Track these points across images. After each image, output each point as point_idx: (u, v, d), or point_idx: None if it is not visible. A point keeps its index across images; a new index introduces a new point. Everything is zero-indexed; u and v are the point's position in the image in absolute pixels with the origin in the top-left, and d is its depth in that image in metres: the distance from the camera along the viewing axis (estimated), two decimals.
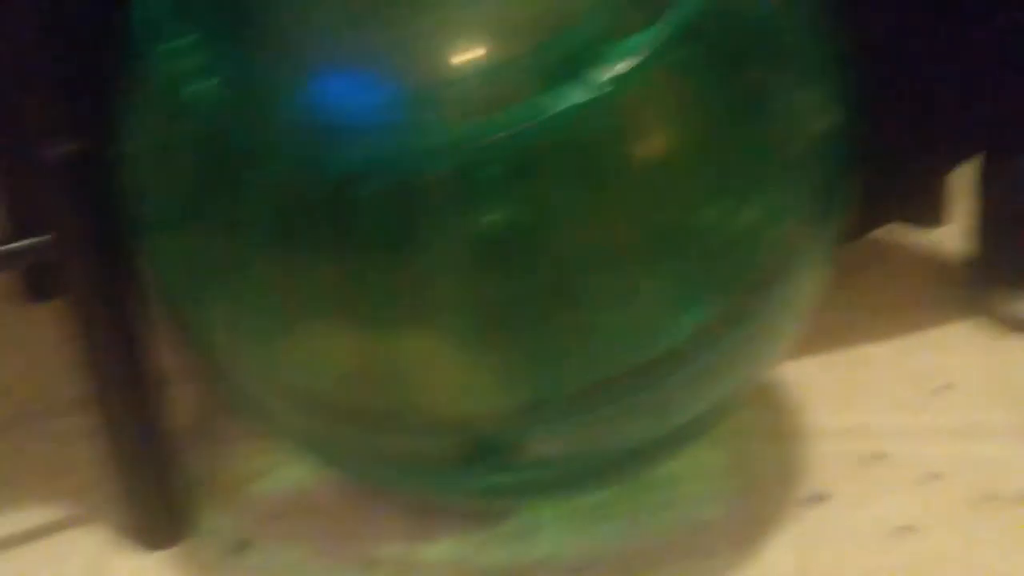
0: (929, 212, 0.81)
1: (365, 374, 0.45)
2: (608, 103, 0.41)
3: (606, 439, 0.48)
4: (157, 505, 0.60)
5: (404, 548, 0.58)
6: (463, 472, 0.48)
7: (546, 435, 0.46)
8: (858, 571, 0.53)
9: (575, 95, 0.41)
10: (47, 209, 0.52)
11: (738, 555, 0.55)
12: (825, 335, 0.67)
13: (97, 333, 0.56)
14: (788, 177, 0.46)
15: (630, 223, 0.43)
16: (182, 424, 0.67)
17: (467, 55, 0.41)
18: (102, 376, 0.57)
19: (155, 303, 0.54)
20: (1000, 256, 0.73)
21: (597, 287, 0.43)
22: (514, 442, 0.46)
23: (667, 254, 0.43)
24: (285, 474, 0.65)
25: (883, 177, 0.68)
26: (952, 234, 0.81)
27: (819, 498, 0.59)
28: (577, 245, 0.42)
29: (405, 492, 0.57)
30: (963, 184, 0.76)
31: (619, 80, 0.41)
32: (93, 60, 0.51)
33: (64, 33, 0.49)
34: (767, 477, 0.61)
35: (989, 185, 0.73)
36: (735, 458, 0.62)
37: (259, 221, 0.44)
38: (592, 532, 0.58)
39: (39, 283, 0.91)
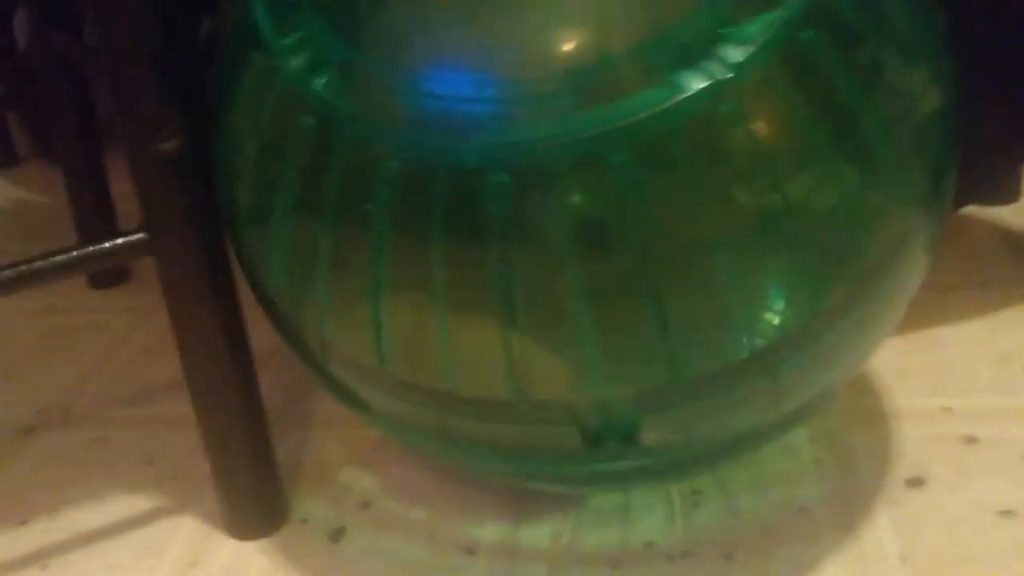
0: (1006, 189, 0.80)
1: (478, 365, 0.45)
2: (731, 89, 0.41)
3: (720, 426, 0.47)
4: (253, 492, 0.61)
5: (502, 533, 0.58)
6: (576, 461, 0.48)
7: (662, 423, 0.46)
8: (963, 555, 0.53)
9: (698, 81, 0.40)
10: (149, 202, 0.52)
11: (840, 539, 0.55)
12: (904, 316, 0.67)
13: (194, 321, 0.56)
14: (904, 158, 0.45)
15: (749, 207, 0.42)
16: (273, 409, 0.67)
17: (584, 44, 0.41)
18: (198, 361, 0.57)
19: (252, 290, 0.55)
20: None
21: (716, 273, 0.43)
22: (630, 431, 0.46)
23: (786, 238, 0.43)
24: (378, 460, 0.65)
25: (966, 158, 0.67)
26: None
27: (917, 481, 0.59)
28: (696, 231, 0.42)
29: (510, 481, 0.58)
30: None
31: (741, 65, 0.41)
32: (191, 54, 0.52)
33: (165, 24, 0.50)
34: (861, 460, 0.60)
35: None
36: (826, 441, 0.62)
37: (375, 213, 0.44)
38: (689, 517, 0.58)
39: (100, 271, 0.92)
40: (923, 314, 0.73)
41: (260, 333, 0.63)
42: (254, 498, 0.61)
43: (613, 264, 0.42)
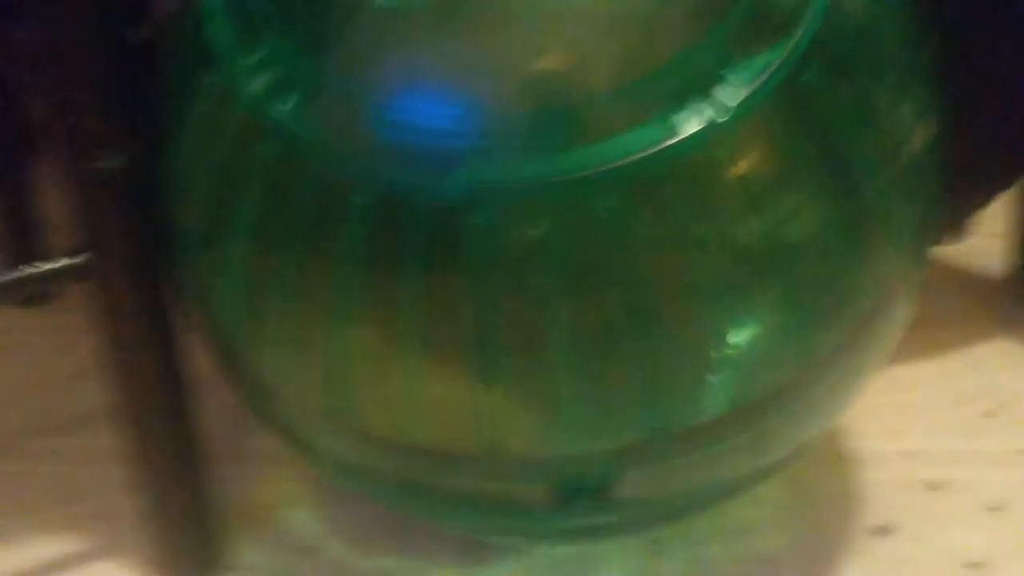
0: (955, 228, 0.80)
1: (445, 416, 0.42)
2: (725, 132, 0.38)
3: (698, 480, 0.45)
4: (187, 536, 0.56)
5: None
6: (543, 518, 0.46)
7: (638, 478, 0.44)
8: None
9: (692, 124, 0.38)
10: (90, 222, 0.48)
11: None
12: None
13: (131, 348, 0.52)
14: (895, 199, 0.44)
15: (739, 253, 0.40)
16: (212, 443, 0.63)
17: (574, 78, 0.39)
18: (130, 391, 0.53)
19: (191, 320, 0.51)
20: None
21: (705, 321, 0.40)
22: (603, 487, 0.44)
23: (777, 284, 0.41)
24: (326, 500, 0.61)
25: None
26: (987, 250, 0.81)
27: (884, 530, 0.57)
28: (685, 277, 0.40)
29: (470, 533, 0.54)
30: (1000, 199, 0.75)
31: (738, 109, 0.38)
32: (140, 71, 0.47)
33: (111, 42, 0.46)
34: (828, 506, 0.59)
35: None
36: (790, 486, 0.60)
37: (340, 249, 0.40)
38: (650, 568, 0.55)
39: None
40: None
41: (200, 360, 0.59)
42: (187, 542, 0.56)
43: (597, 311, 0.39)
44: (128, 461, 0.54)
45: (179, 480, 0.55)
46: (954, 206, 0.76)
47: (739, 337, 0.41)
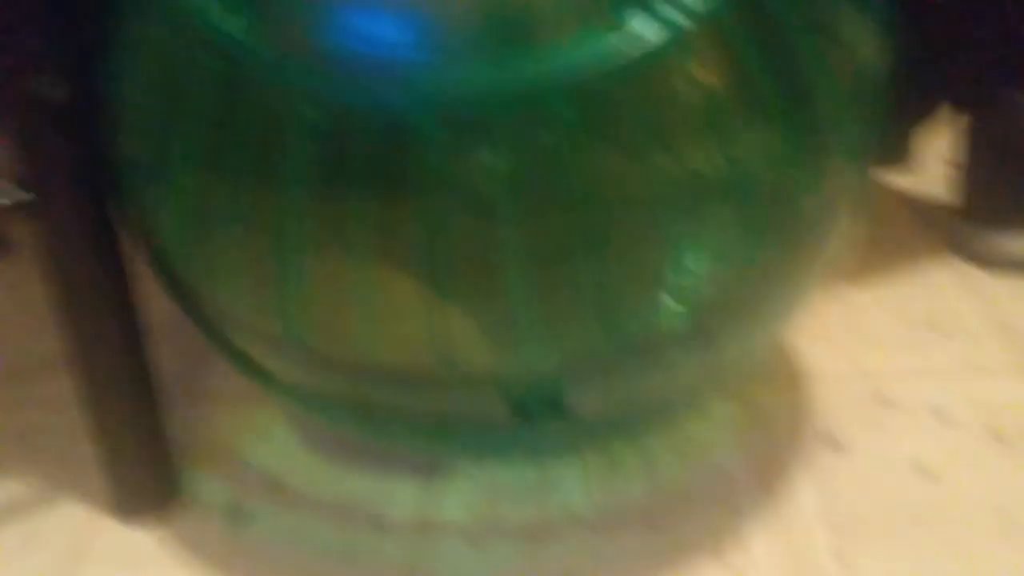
0: (896, 150, 0.81)
1: (399, 332, 0.42)
2: (685, 38, 0.38)
3: (651, 391, 0.46)
4: (143, 472, 0.56)
5: (415, 509, 0.55)
6: (499, 433, 0.46)
7: (592, 391, 0.44)
8: (883, 514, 0.53)
9: (652, 29, 0.38)
10: (31, 152, 0.47)
11: (761, 503, 0.54)
12: None
13: (81, 289, 0.51)
14: (844, 112, 0.44)
15: (694, 163, 0.40)
16: (168, 383, 0.62)
17: None
18: (84, 333, 0.52)
19: (141, 254, 0.50)
20: (985, 197, 0.74)
21: (656, 231, 0.40)
22: (558, 400, 0.44)
23: (728, 193, 0.41)
24: (284, 435, 0.61)
25: None
26: (936, 176, 0.82)
27: (835, 441, 0.58)
28: (638, 188, 0.40)
29: (427, 452, 0.55)
30: (938, 125, 0.76)
31: (699, 13, 0.38)
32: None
33: None
34: (781, 423, 0.60)
35: (976, 128, 0.73)
36: (742, 404, 0.61)
37: (288, 164, 0.40)
38: (608, 487, 0.56)
39: None
40: (830, 276, 0.73)
41: (155, 301, 0.58)
42: (144, 478, 0.56)
43: (550, 222, 0.39)
44: (85, 403, 0.54)
45: (135, 419, 0.55)
46: (898, 123, 0.77)
47: (690, 251, 0.41)
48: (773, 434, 0.59)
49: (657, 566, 0.51)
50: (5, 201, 0.48)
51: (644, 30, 0.38)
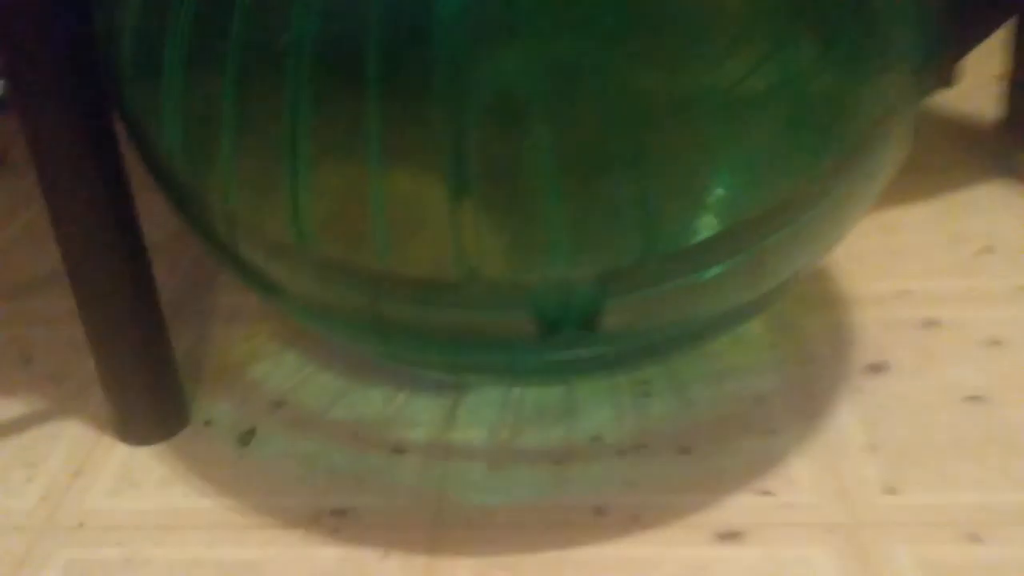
0: (944, 74, 0.76)
1: (419, 239, 0.39)
2: None
3: (688, 310, 0.42)
4: (147, 392, 0.53)
5: (434, 430, 0.52)
6: (526, 351, 0.42)
7: (627, 307, 0.40)
8: (933, 442, 0.50)
9: None
10: (12, 51, 0.43)
11: (801, 429, 0.51)
12: None
13: (71, 199, 0.48)
14: (903, 21, 0.40)
15: (739, 62, 0.36)
16: (172, 301, 0.60)
17: None
18: (78, 244, 0.49)
19: (142, 161, 0.47)
20: None
21: (699, 134, 0.37)
22: (590, 316, 0.40)
23: (776, 98, 0.37)
24: (292, 355, 0.58)
25: None
26: (981, 94, 0.77)
27: (879, 367, 0.55)
28: (680, 86, 0.36)
29: (448, 372, 0.51)
30: (986, 45, 0.71)
31: None
32: None
33: None
34: (819, 347, 0.56)
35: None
36: (780, 327, 0.58)
37: (293, 52, 0.36)
38: (639, 410, 0.53)
39: None
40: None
41: (156, 216, 0.55)
42: (148, 398, 0.53)
43: (586, 120, 0.35)
44: (85, 322, 0.51)
45: (138, 339, 0.52)
46: (945, 47, 0.72)
47: (732, 153, 0.37)
48: (811, 357, 0.56)
49: (691, 492, 0.48)
50: None
51: None
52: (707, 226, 0.38)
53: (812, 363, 0.55)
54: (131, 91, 0.44)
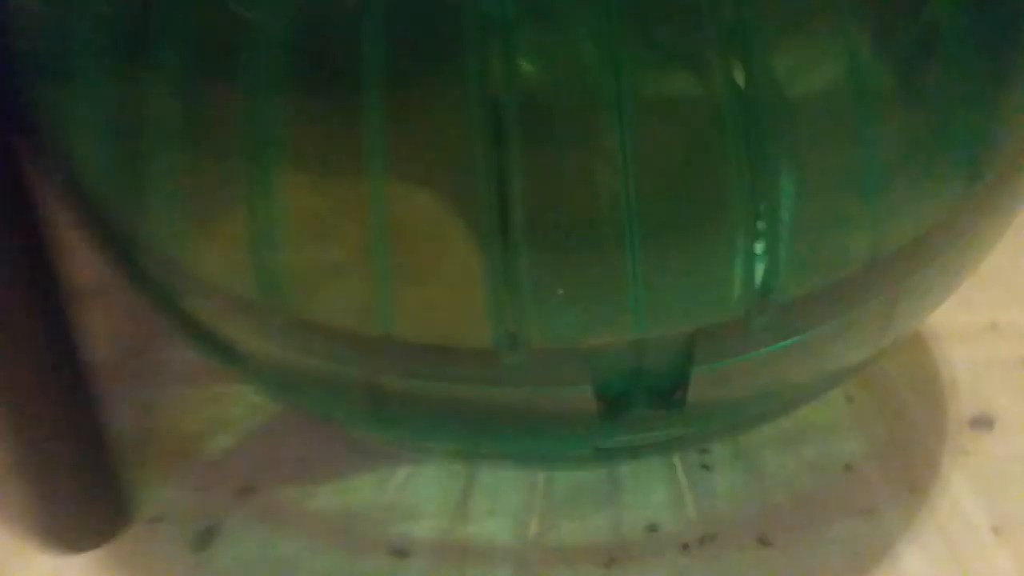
0: None
1: (438, 292, 0.28)
2: None
3: (799, 371, 0.32)
4: (76, 482, 0.41)
5: (443, 523, 0.42)
6: (578, 436, 0.32)
7: (723, 374, 0.30)
8: None
9: None
10: None
11: (905, 506, 0.41)
12: None
13: None
14: None
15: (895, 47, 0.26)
16: (106, 356, 0.48)
17: None
18: None
19: (60, 195, 0.36)
20: None
21: (821, 147, 0.27)
22: (670, 389, 0.30)
23: (938, 96, 0.27)
24: (263, 426, 0.47)
25: None
26: None
27: (983, 422, 0.45)
28: (821, 77, 0.26)
29: (467, 455, 0.41)
30: None
31: None
32: None
33: None
34: (906, 397, 0.46)
35: None
36: (865, 375, 0.47)
37: (257, 31, 0.25)
38: (699, 488, 0.42)
39: None
40: None
41: (84, 259, 0.43)
42: (76, 491, 0.42)
43: (676, 130, 0.25)
44: None
45: (58, 412, 0.40)
46: None
47: (881, 164, 0.27)
48: (902, 413, 0.46)
49: None
50: None
51: None
52: (835, 266, 0.28)
53: (901, 419, 0.45)
54: (36, 94, 0.33)
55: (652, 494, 0.42)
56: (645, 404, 0.30)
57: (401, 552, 0.41)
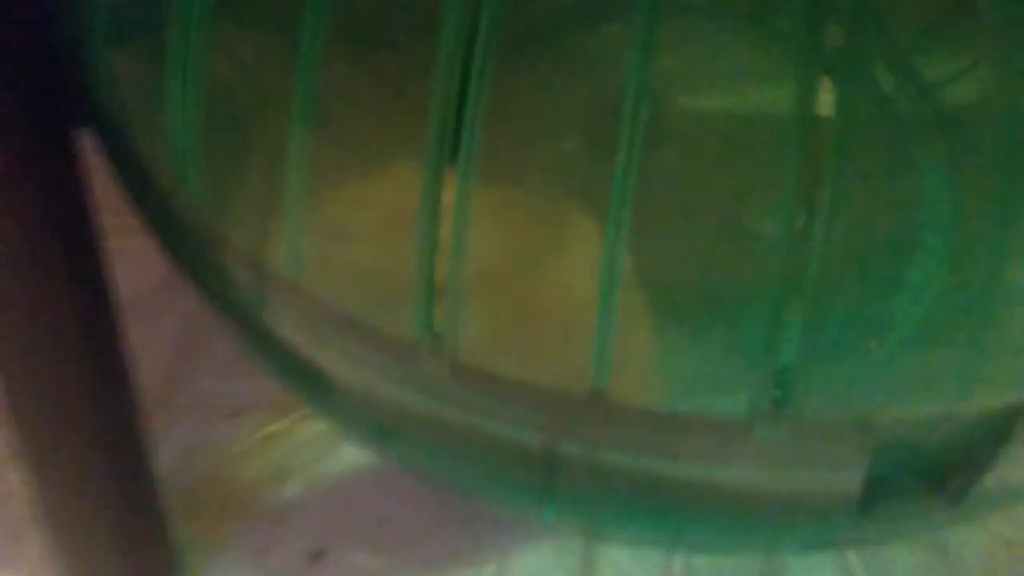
0: None
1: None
2: None
3: None
4: (116, 549, 0.34)
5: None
6: (821, 524, 0.24)
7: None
8: None
9: None
10: None
11: None
12: None
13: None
14: None
15: None
16: (150, 384, 0.40)
17: None
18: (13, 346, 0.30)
19: (129, 193, 0.28)
20: None
21: None
22: (942, 468, 0.23)
23: None
24: (337, 478, 0.39)
25: None
26: None
27: None
28: None
29: (667, 550, 0.33)
30: None
31: None
32: None
33: None
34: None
35: None
36: None
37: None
38: (874, 569, 0.35)
39: None
40: None
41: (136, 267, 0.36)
42: (119, 558, 0.34)
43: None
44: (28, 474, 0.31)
45: (96, 458, 0.32)
46: None
47: None
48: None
49: None
50: None
51: None
52: None
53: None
54: (109, 77, 0.25)
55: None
56: (915, 493, 0.23)
57: None
